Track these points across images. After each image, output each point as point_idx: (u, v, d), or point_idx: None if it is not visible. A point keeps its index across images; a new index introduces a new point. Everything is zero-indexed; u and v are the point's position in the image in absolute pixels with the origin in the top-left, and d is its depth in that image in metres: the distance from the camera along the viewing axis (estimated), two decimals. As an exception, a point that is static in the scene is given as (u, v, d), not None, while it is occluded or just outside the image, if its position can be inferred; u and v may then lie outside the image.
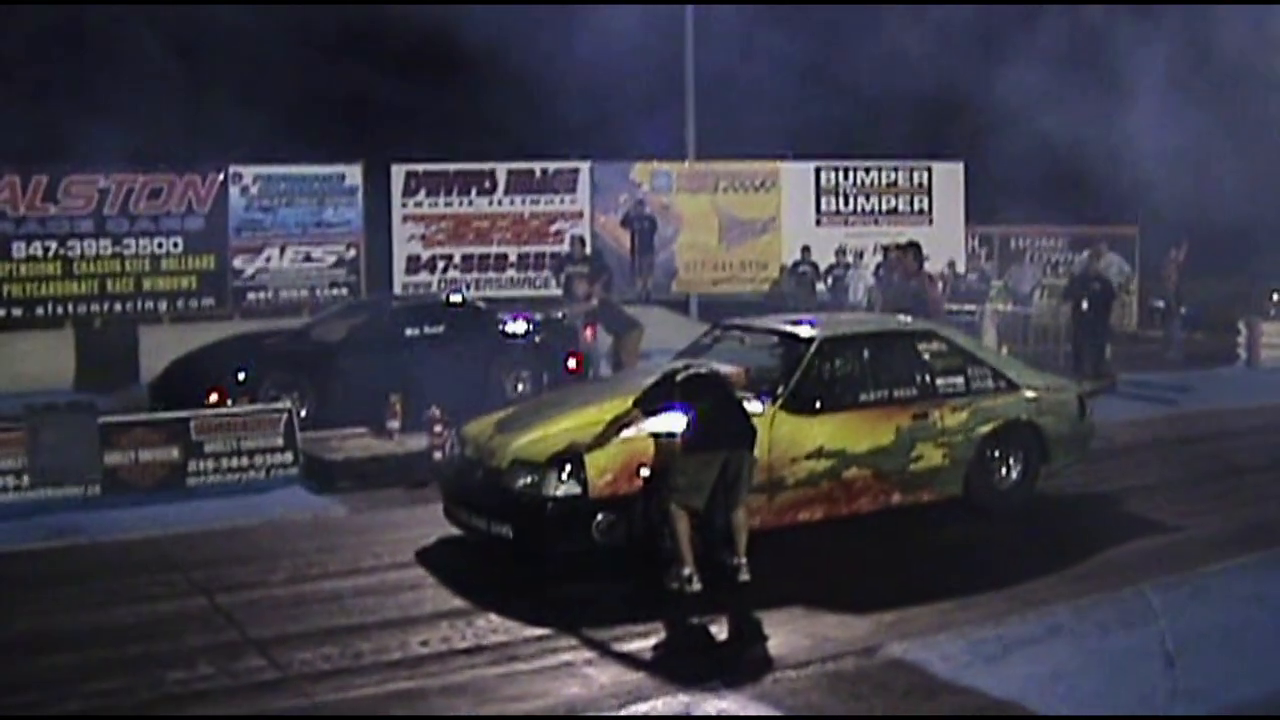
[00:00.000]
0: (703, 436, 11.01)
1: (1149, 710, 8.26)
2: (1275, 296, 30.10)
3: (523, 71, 27.72)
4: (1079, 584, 10.98)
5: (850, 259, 28.18)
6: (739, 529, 11.13)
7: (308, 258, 26.83)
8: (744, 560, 11.08)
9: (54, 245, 24.84)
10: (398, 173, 27.94)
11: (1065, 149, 25.52)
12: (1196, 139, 22.36)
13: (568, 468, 11.16)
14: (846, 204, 29.95)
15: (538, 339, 20.03)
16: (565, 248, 26.02)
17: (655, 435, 11.35)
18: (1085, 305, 21.31)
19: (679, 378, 11.24)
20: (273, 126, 27.04)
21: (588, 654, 9.35)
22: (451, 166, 28.15)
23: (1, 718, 8.30)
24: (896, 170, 30.32)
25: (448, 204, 28.12)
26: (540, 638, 9.68)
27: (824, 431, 12.21)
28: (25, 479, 13.92)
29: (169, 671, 8.97)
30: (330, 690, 8.67)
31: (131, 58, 28.06)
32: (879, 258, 27.24)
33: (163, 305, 25.62)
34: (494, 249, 28.22)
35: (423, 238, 27.99)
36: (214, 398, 16.88)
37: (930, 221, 29.79)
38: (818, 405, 12.26)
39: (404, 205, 27.96)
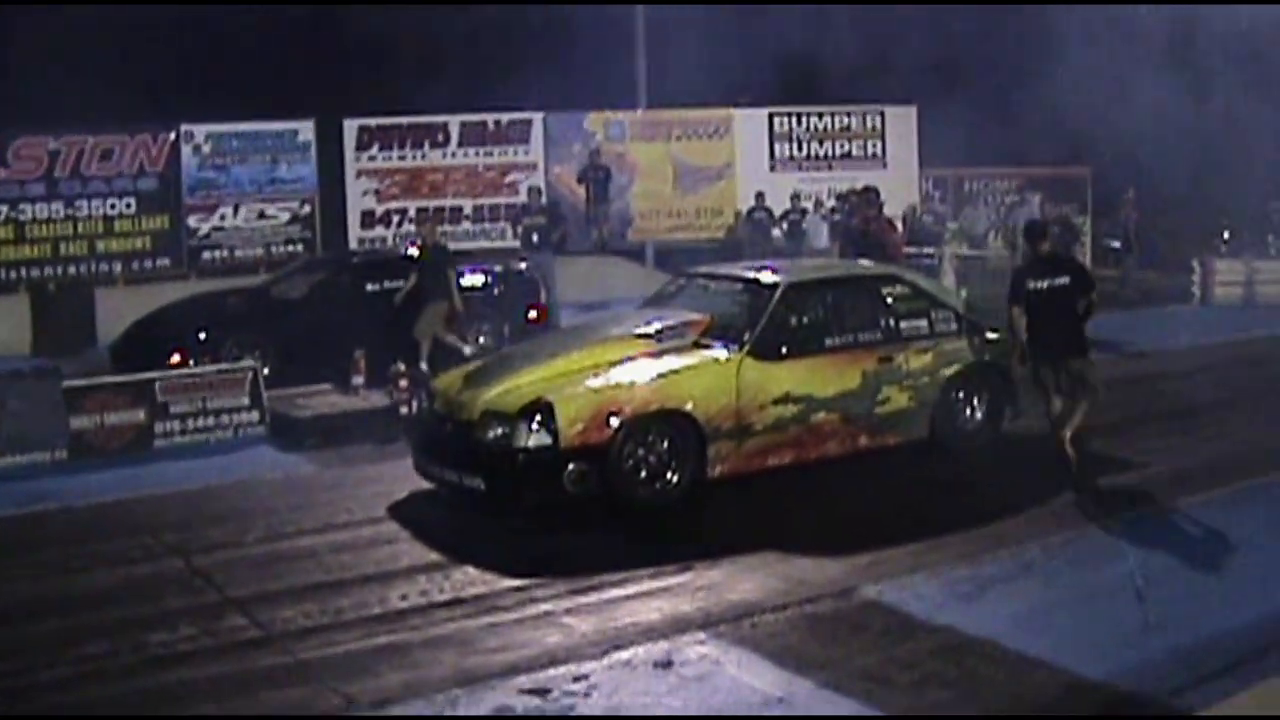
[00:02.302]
0: (1026, 342, 12.68)
1: (1122, 644, 8.40)
2: (1226, 235, 30.28)
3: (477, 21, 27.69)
4: (1048, 522, 11.14)
5: (806, 204, 28.17)
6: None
7: (262, 215, 26.65)
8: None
9: (4, 209, 24.57)
10: (350, 128, 27.74)
11: (1013, 93, 25.65)
12: (1146, 82, 22.49)
13: (538, 418, 11.22)
14: (800, 149, 29.93)
15: (496, 291, 20.03)
16: (521, 199, 25.92)
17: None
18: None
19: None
20: (223, 84, 26.89)
21: (567, 603, 9.43)
22: (404, 120, 27.97)
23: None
24: (850, 115, 30.29)
25: (401, 158, 27.96)
26: (519, 588, 9.75)
27: (790, 377, 12.30)
28: (-9, 446, 13.92)
29: (151, 634, 9.00)
30: (314, 647, 8.72)
31: (75, 17, 27.81)
32: (832, 202, 27.32)
33: (117, 267, 25.39)
34: (449, 201, 28.11)
35: (377, 192, 27.82)
36: (176, 358, 16.86)
37: (884, 165, 29.83)
38: (784, 351, 12.36)
39: (357, 160, 27.79)
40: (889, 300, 13.32)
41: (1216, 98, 24.59)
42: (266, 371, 15.81)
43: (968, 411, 13.56)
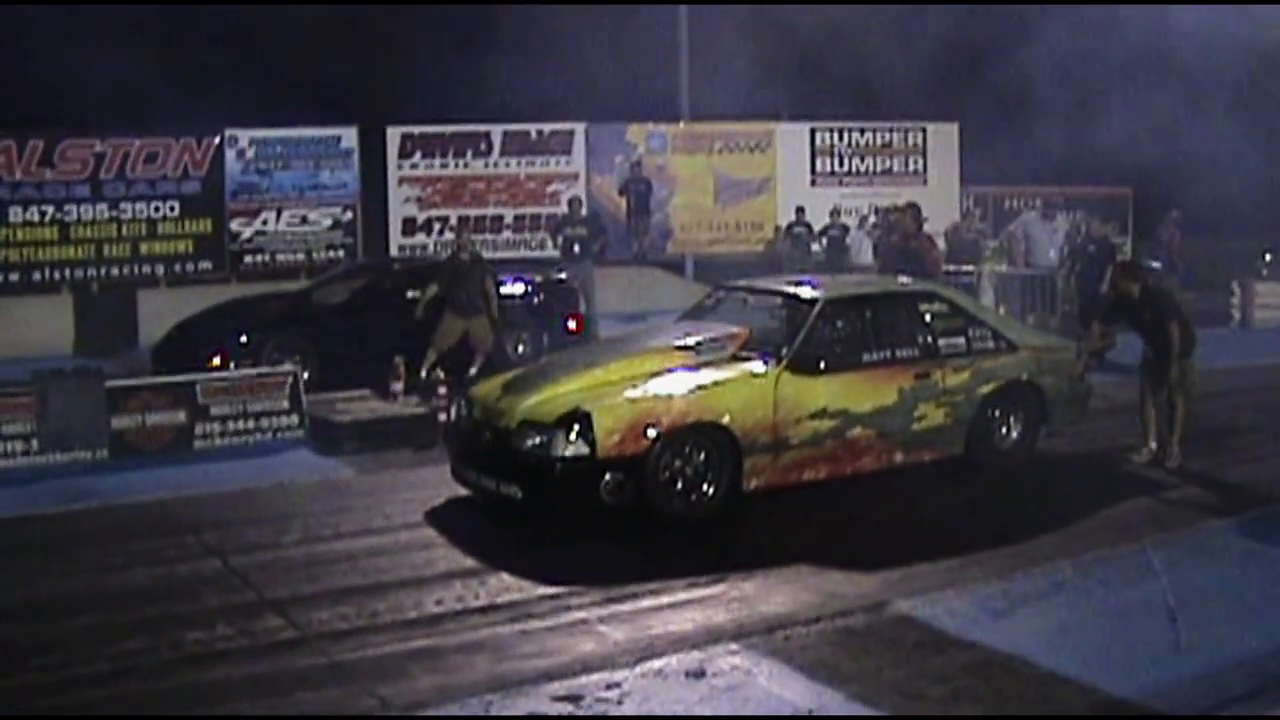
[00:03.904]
0: (1193, 343, 13.79)
1: (1152, 663, 8.41)
2: (1267, 256, 30.13)
3: (518, 32, 27.82)
4: (1081, 541, 11.11)
5: (845, 219, 28.21)
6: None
7: (304, 220, 26.92)
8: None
9: (50, 210, 24.96)
10: (393, 135, 28.00)
11: (1058, 111, 25.64)
12: (1189, 103, 22.48)
13: (576, 428, 11.27)
14: (841, 165, 30.02)
15: (536, 300, 20.09)
16: (561, 209, 26.01)
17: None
18: (1079, 269, 21.46)
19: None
20: (268, 89, 27.08)
21: (601, 612, 9.47)
22: (447, 129, 28.20)
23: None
24: (891, 131, 30.36)
25: (443, 166, 28.18)
26: (553, 596, 9.81)
27: (827, 392, 12.32)
28: (34, 444, 14.03)
29: (189, 632, 9.08)
30: (349, 649, 8.78)
31: (125, 19, 28.02)
32: (873, 218, 27.37)
33: (160, 269, 25.70)
34: (490, 210, 28.29)
35: (419, 200, 28.06)
36: (217, 361, 16.97)
37: (925, 182, 29.87)
38: (821, 366, 12.36)
39: (400, 167, 28.02)
40: (927, 317, 13.34)
41: (1259, 119, 24.54)
42: (306, 376, 15.89)
43: (1004, 429, 13.57)
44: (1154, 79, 23.87)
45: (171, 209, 25.72)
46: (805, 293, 13.18)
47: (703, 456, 11.68)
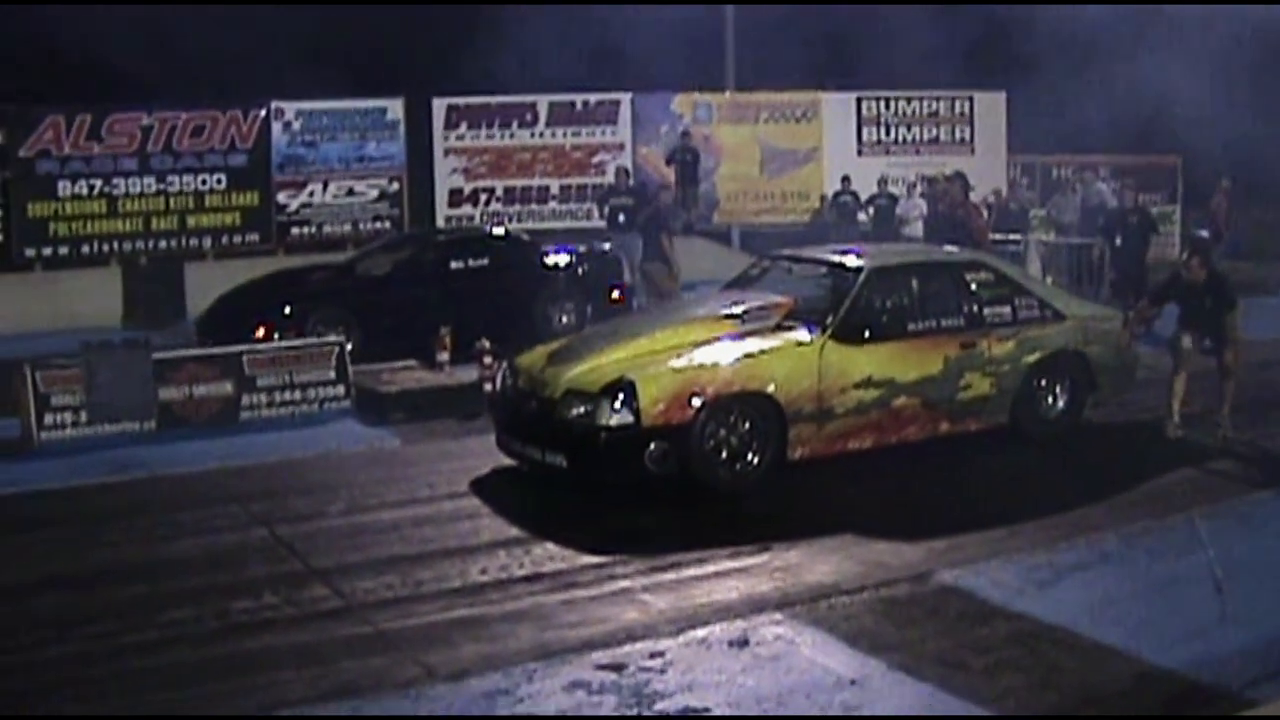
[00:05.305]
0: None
1: (1198, 635, 8.36)
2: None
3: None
4: (1127, 511, 11.07)
5: (894, 189, 28.00)
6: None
7: (350, 192, 26.88)
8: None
9: (98, 184, 24.92)
10: (439, 106, 27.92)
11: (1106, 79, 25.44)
12: (1239, 71, 22.26)
13: (620, 397, 11.28)
14: (888, 134, 29.80)
15: (581, 271, 20.10)
16: (608, 179, 25.98)
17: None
18: (1119, 240, 21.22)
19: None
20: (314, 61, 27.11)
21: (644, 581, 9.50)
22: (493, 99, 28.11)
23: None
24: (938, 100, 30.09)
25: (489, 137, 28.09)
26: (597, 565, 9.84)
27: (873, 361, 12.29)
28: (83, 415, 14.12)
29: (235, 601, 9.14)
30: (394, 618, 8.83)
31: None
32: (921, 188, 27.19)
33: (207, 242, 25.71)
34: (536, 181, 28.22)
35: (465, 171, 28.00)
36: (261, 332, 17.04)
37: (972, 151, 29.63)
38: (866, 335, 12.32)
39: (445, 139, 27.95)
40: (973, 286, 13.28)
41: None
42: (351, 347, 15.92)
43: (1050, 399, 13.50)
44: (1204, 46, 23.66)
45: (218, 181, 25.71)
46: (850, 262, 13.15)
47: (747, 426, 11.67)
